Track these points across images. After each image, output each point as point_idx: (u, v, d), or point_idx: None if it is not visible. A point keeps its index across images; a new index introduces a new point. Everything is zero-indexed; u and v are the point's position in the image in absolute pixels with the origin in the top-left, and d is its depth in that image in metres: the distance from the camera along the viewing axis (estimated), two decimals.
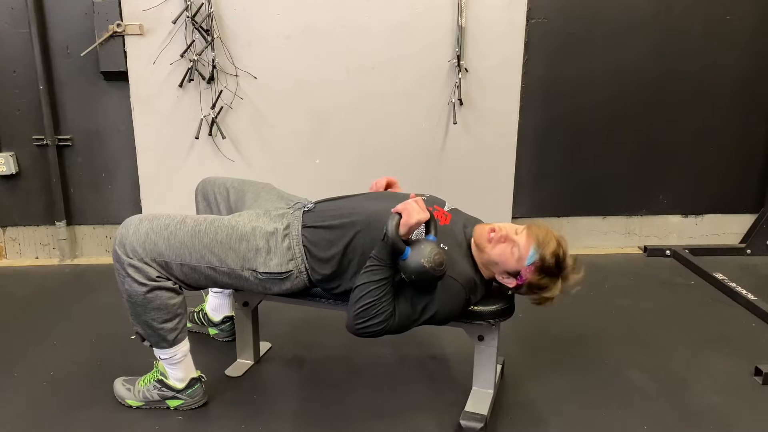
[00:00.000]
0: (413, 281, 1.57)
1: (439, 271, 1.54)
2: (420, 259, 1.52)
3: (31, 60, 2.81)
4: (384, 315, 1.59)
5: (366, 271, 1.61)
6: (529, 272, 1.67)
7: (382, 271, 1.60)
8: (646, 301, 2.68)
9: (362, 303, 1.59)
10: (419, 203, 1.60)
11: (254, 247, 1.71)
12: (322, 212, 1.79)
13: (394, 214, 1.58)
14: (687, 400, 1.95)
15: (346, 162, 2.95)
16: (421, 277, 1.55)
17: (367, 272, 1.61)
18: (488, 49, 2.86)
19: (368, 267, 1.61)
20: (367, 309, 1.59)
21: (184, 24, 2.72)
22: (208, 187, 2.07)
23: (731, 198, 3.33)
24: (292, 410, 1.88)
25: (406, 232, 1.57)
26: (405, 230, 1.57)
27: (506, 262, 1.69)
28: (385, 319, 1.60)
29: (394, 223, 1.56)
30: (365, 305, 1.59)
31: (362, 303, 1.59)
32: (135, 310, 1.69)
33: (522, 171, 3.11)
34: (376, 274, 1.59)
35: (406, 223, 1.56)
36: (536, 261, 1.66)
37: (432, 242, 1.58)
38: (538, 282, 1.68)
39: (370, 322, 1.59)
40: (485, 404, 1.82)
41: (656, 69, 3.08)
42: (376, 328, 1.60)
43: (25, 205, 3.04)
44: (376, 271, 1.60)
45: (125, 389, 1.87)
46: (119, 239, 1.66)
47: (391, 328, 1.62)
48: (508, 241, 1.70)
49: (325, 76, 2.85)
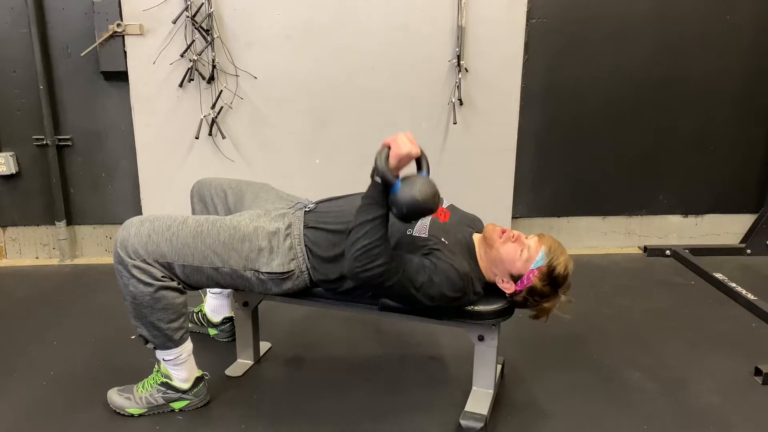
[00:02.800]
0: (404, 216, 1.51)
1: (432, 203, 1.48)
2: (411, 191, 1.47)
3: (31, 60, 2.81)
4: (384, 258, 1.54)
5: (359, 212, 1.57)
6: (534, 276, 1.66)
7: (375, 209, 1.55)
8: (646, 301, 2.68)
9: (360, 245, 1.54)
10: (409, 136, 1.55)
11: (257, 247, 1.71)
12: (323, 213, 1.79)
13: (383, 147, 1.54)
14: (687, 400, 1.95)
15: (346, 162, 2.95)
16: (411, 211, 1.49)
17: (360, 213, 1.57)
18: (488, 49, 2.86)
19: (361, 208, 1.57)
20: (366, 251, 1.53)
21: (184, 24, 2.72)
22: (204, 189, 2.07)
23: (731, 198, 3.33)
24: (292, 410, 1.88)
25: (396, 165, 1.53)
26: (395, 162, 1.52)
27: (513, 261, 1.68)
28: (385, 262, 1.54)
29: (383, 156, 1.51)
30: (363, 247, 1.53)
31: (360, 245, 1.54)
32: (140, 311, 1.68)
33: (522, 171, 3.11)
34: (369, 213, 1.55)
35: (396, 154, 1.52)
36: (543, 266, 1.66)
37: (423, 176, 1.52)
38: (541, 289, 1.67)
39: (371, 265, 1.53)
40: (485, 404, 1.82)
41: (656, 69, 3.08)
42: (377, 270, 1.54)
43: (25, 205, 3.04)
44: (369, 210, 1.55)
45: (123, 398, 1.83)
46: (120, 241, 1.65)
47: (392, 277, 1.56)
48: (519, 242, 1.69)
49: (325, 76, 2.86)
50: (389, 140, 1.56)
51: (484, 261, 1.75)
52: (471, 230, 1.82)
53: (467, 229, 1.81)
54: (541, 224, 3.24)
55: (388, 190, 1.52)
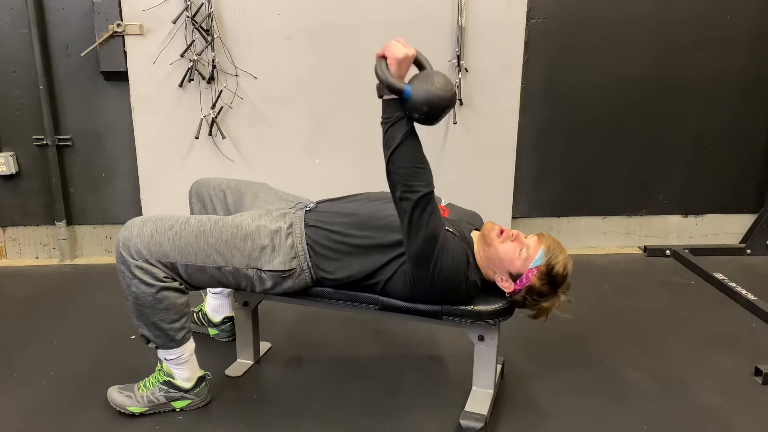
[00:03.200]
0: (427, 115, 1.45)
1: (449, 91, 1.43)
2: (424, 86, 1.43)
3: (31, 60, 2.81)
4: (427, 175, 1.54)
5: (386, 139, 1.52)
6: (533, 275, 1.66)
7: (399, 127, 1.50)
8: (646, 301, 2.68)
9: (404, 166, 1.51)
10: (400, 40, 1.52)
11: (259, 245, 1.71)
12: (324, 212, 1.80)
13: (379, 58, 1.50)
14: (687, 400, 1.95)
15: (346, 162, 2.95)
16: (432, 106, 1.43)
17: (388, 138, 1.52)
18: (488, 49, 2.86)
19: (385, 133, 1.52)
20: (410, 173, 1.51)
21: (184, 24, 2.72)
22: (203, 189, 2.07)
23: (731, 198, 3.33)
24: (292, 410, 1.88)
25: (398, 70, 1.48)
26: (395, 67, 1.48)
27: (512, 260, 1.68)
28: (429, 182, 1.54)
29: (383, 66, 1.47)
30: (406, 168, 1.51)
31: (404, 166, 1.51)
32: (142, 312, 1.68)
33: (522, 171, 3.11)
34: (396, 132, 1.50)
35: (394, 59, 1.48)
36: (542, 265, 1.66)
37: (429, 70, 1.48)
38: (540, 288, 1.67)
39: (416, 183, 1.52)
40: (485, 404, 1.82)
41: (656, 69, 3.08)
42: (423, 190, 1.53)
43: (25, 205, 3.04)
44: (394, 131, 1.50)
45: (124, 396, 1.83)
46: (123, 241, 1.66)
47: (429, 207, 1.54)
48: (518, 240, 1.69)
49: (325, 76, 2.85)
50: (382, 50, 1.50)
51: (483, 259, 1.74)
52: (470, 227, 1.82)
53: (467, 226, 1.81)
54: (541, 224, 3.24)
55: (401, 101, 1.48)
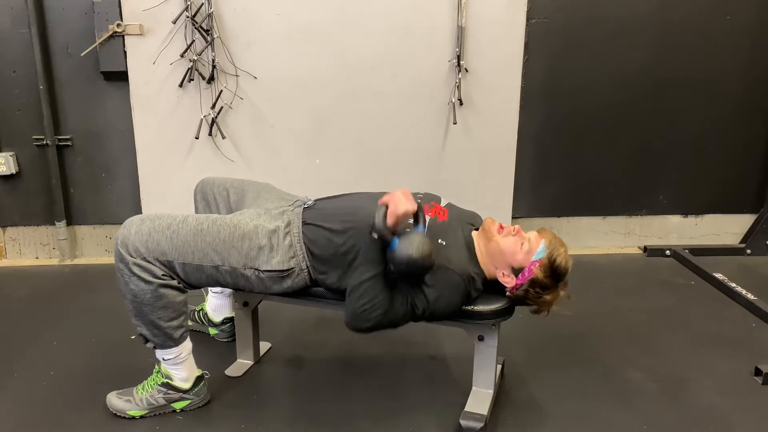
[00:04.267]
0: (402, 273, 1.55)
1: (428, 261, 1.52)
2: (408, 249, 1.50)
3: (31, 60, 2.81)
4: (383, 308, 1.60)
5: (359, 267, 1.62)
6: (536, 268, 1.68)
7: (374, 267, 1.60)
8: (646, 301, 2.68)
9: (362, 302, 1.59)
10: (406, 194, 1.58)
11: (257, 245, 1.71)
12: (321, 210, 1.80)
13: (381, 206, 1.57)
14: (687, 400, 1.95)
15: (346, 162, 2.95)
16: (409, 269, 1.52)
17: (360, 269, 1.61)
18: (488, 49, 2.86)
19: (360, 263, 1.61)
20: (368, 307, 1.59)
21: (184, 24, 2.72)
22: (207, 188, 2.07)
23: (731, 198, 3.33)
24: (292, 410, 1.88)
25: (394, 223, 1.56)
26: (392, 221, 1.55)
27: (514, 254, 1.69)
28: (384, 312, 1.60)
29: (381, 214, 1.54)
30: (365, 304, 1.59)
31: (362, 302, 1.59)
32: (141, 310, 1.68)
33: (522, 171, 3.11)
34: (369, 270, 1.60)
35: (393, 213, 1.55)
36: (544, 258, 1.68)
37: (420, 233, 1.56)
38: (543, 280, 1.68)
39: (370, 317, 1.60)
40: (485, 404, 1.82)
41: (656, 69, 3.08)
42: (374, 322, 1.61)
43: (25, 205, 3.04)
44: (369, 267, 1.60)
45: (123, 401, 1.82)
46: (121, 239, 1.66)
47: (389, 323, 1.63)
48: (519, 235, 1.72)
49: (325, 76, 2.85)
50: (387, 198, 1.58)
51: (484, 255, 1.75)
52: (471, 227, 1.82)
53: (467, 227, 1.81)
54: (541, 224, 3.23)
55: (385, 247, 1.56)
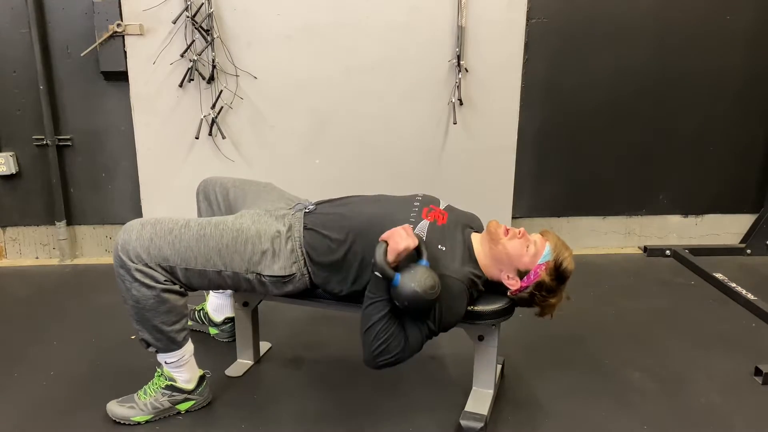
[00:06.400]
0: (407, 307, 1.55)
1: (432, 294, 1.52)
2: (411, 284, 1.50)
3: (31, 60, 2.81)
4: (400, 346, 1.60)
5: (368, 305, 1.60)
6: (542, 271, 1.68)
7: (382, 305, 1.59)
8: (646, 301, 2.68)
9: (378, 342, 1.58)
10: (407, 230, 1.59)
11: (259, 250, 1.70)
12: (322, 215, 1.79)
13: (381, 242, 1.57)
14: (687, 400, 1.95)
15: (346, 162, 2.95)
16: (414, 303, 1.52)
17: (369, 307, 1.60)
18: (488, 49, 2.86)
19: (369, 303, 1.60)
20: (384, 347, 1.59)
21: (184, 24, 2.72)
22: (209, 187, 2.07)
23: (731, 198, 3.33)
24: (292, 410, 1.88)
25: (395, 259, 1.55)
26: (393, 257, 1.55)
27: (520, 257, 1.69)
28: (402, 349, 1.60)
29: (381, 251, 1.54)
30: (380, 345, 1.58)
31: (378, 342, 1.58)
32: (143, 315, 1.67)
33: (522, 171, 3.11)
34: (378, 309, 1.59)
35: (393, 250, 1.55)
36: (550, 261, 1.69)
37: (423, 266, 1.56)
38: (549, 283, 1.69)
39: (389, 356, 1.60)
40: (485, 404, 1.82)
41: (656, 69, 3.08)
42: (394, 358, 1.61)
43: (25, 205, 3.04)
44: (377, 305, 1.59)
45: (126, 408, 1.80)
46: (122, 245, 1.63)
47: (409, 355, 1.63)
48: (525, 237, 1.72)
49: (325, 76, 2.85)
50: (387, 235, 1.58)
51: (488, 258, 1.75)
52: (470, 230, 1.82)
53: (467, 230, 1.81)
54: (541, 224, 3.24)
55: (388, 283, 1.56)
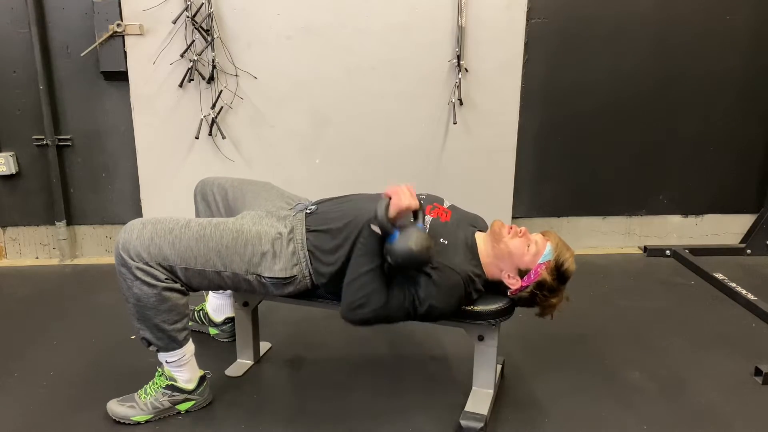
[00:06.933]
0: (399, 265, 1.56)
1: (426, 256, 1.54)
2: (407, 242, 1.52)
3: (31, 60, 2.81)
4: (380, 302, 1.61)
5: (358, 257, 1.62)
6: (543, 270, 1.69)
7: (371, 259, 1.61)
8: (646, 301, 2.68)
9: (358, 295, 1.60)
10: (410, 189, 1.60)
11: (260, 251, 1.70)
12: (324, 214, 1.79)
13: (384, 197, 1.58)
14: (687, 400, 1.95)
15: (346, 162, 2.95)
16: (406, 262, 1.54)
17: (359, 259, 1.62)
18: (488, 49, 2.86)
19: (359, 255, 1.62)
20: (365, 301, 1.60)
21: (184, 24, 2.72)
22: (207, 188, 2.06)
23: (731, 198, 3.33)
24: (292, 410, 1.88)
25: (396, 215, 1.57)
26: (395, 212, 1.56)
27: (521, 256, 1.70)
28: (381, 306, 1.61)
29: (383, 206, 1.56)
30: (361, 298, 1.60)
31: (358, 295, 1.60)
32: (144, 314, 1.67)
33: (522, 171, 3.11)
34: (367, 262, 1.61)
35: (396, 205, 1.56)
36: (551, 261, 1.70)
37: (419, 228, 1.58)
38: (550, 283, 1.70)
39: (367, 309, 1.61)
40: (485, 404, 1.82)
41: (656, 69, 3.08)
42: (373, 314, 1.62)
43: (25, 205, 3.04)
44: (367, 258, 1.61)
45: (126, 407, 1.80)
46: (122, 244, 1.64)
47: (384, 318, 1.64)
48: (526, 237, 1.73)
49: (325, 76, 2.86)
50: (391, 191, 1.59)
51: (490, 257, 1.75)
52: (473, 229, 1.82)
53: (470, 228, 1.81)
54: (541, 224, 3.24)
55: (384, 239, 1.57)
